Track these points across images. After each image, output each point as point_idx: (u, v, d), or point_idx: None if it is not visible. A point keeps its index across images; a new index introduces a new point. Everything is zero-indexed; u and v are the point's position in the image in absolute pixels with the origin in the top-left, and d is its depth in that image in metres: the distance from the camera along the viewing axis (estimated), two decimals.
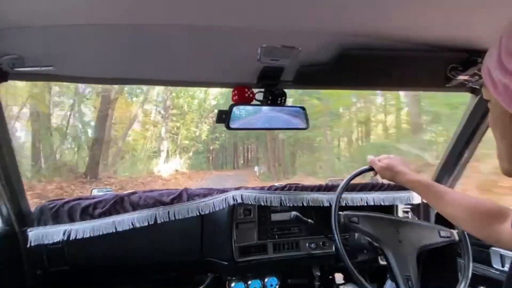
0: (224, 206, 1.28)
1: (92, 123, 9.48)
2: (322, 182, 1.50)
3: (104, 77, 1.05)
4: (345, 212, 1.10)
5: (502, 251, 1.16)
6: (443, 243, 1.12)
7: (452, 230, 1.15)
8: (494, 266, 1.19)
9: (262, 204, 1.31)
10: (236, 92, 1.06)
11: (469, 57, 0.89)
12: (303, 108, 1.09)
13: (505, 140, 0.44)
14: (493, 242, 0.80)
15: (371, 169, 1.07)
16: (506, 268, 1.16)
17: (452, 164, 1.38)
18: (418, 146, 7.04)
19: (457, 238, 1.13)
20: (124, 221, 1.19)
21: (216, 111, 1.18)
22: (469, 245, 1.12)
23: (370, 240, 1.12)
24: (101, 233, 1.16)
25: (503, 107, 0.40)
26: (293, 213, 1.30)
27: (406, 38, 0.82)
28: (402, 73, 1.04)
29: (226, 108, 1.03)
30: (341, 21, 0.73)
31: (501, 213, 0.74)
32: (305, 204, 1.35)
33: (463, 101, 1.37)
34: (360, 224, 1.10)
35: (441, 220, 1.38)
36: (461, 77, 0.96)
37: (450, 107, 5.64)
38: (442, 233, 1.13)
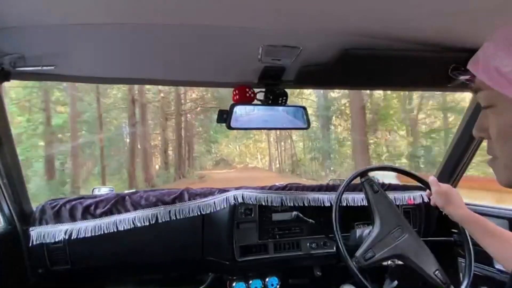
0: (225, 206, 1.28)
1: None
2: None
3: (104, 77, 1.06)
4: (356, 256, 1.03)
5: None
6: (430, 280, 1.04)
7: (450, 285, 1.04)
8: (496, 266, 1.19)
9: (263, 203, 1.31)
10: (237, 92, 1.05)
11: (471, 57, 0.89)
12: (304, 108, 1.09)
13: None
14: None
15: (427, 185, 1.04)
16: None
17: (454, 164, 1.37)
18: None
19: None
20: (125, 220, 1.19)
21: None
22: (470, 245, 1.12)
23: (395, 261, 1.08)
24: (102, 233, 1.17)
25: None
26: (294, 213, 1.30)
27: (407, 38, 0.82)
28: (404, 73, 1.03)
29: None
30: (342, 21, 0.73)
31: None
32: (306, 204, 1.35)
33: None
34: (376, 254, 1.04)
35: (443, 227, 1.38)
36: (463, 77, 0.96)
37: None
38: (438, 274, 1.04)
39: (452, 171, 1.39)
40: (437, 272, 1.04)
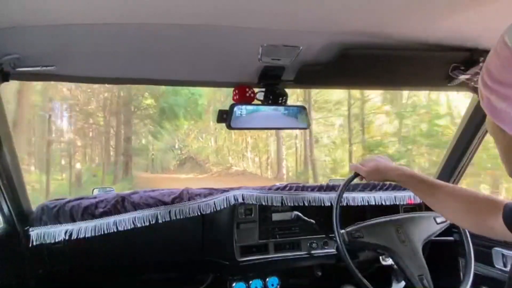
0: (225, 206, 1.27)
1: None
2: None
3: (104, 77, 1.06)
4: (346, 230, 1.06)
5: (505, 251, 1.15)
6: (442, 229, 1.14)
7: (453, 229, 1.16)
8: (496, 266, 1.19)
9: (264, 203, 1.31)
10: (237, 91, 1.06)
11: (471, 56, 0.89)
12: (304, 108, 1.09)
13: (498, 144, 0.49)
14: (485, 234, 0.79)
15: (357, 175, 1.03)
16: (509, 268, 1.16)
17: (454, 164, 1.37)
18: None
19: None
20: (125, 220, 1.19)
21: None
22: (470, 245, 1.12)
23: (379, 251, 1.12)
24: (102, 233, 1.16)
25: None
26: (295, 213, 1.30)
27: (407, 37, 0.82)
28: (404, 72, 1.03)
29: None
30: (342, 20, 0.73)
31: (495, 205, 0.72)
32: (306, 204, 1.35)
33: None
34: (365, 237, 1.07)
35: None
36: (463, 77, 0.96)
37: None
38: (438, 220, 1.15)
39: (452, 170, 1.39)
40: (436, 219, 1.16)
